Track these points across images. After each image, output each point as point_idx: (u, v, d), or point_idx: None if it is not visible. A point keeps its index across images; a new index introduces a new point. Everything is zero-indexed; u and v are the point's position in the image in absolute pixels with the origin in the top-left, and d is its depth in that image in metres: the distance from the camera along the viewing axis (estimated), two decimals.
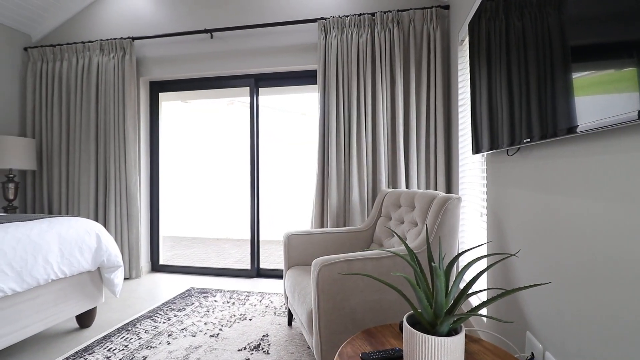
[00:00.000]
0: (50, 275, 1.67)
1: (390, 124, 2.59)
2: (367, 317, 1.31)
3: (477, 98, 1.55)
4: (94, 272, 1.97)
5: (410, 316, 0.84)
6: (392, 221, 1.94)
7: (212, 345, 1.77)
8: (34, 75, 3.17)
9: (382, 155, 2.52)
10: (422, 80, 2.53)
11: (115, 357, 1.65)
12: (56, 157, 3.07)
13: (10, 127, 3.17)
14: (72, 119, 3.05)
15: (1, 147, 2.71)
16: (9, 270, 1.51)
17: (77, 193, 3.01)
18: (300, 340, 1.82)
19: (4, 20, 3.05)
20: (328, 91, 2.63)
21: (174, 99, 3.51)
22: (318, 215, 2.64)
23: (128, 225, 2.95)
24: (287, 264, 1.95)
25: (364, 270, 1.30)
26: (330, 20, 2.63)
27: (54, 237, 1.72)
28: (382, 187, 2.51)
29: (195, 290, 2.63)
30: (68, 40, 3.28)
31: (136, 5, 3.14)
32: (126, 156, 2.94)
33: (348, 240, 2.06)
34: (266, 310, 2.22)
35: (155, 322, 2.05)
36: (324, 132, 2.67)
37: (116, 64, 2.97)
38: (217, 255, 4.47)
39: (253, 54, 2.95)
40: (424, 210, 1.62)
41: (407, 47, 2.59)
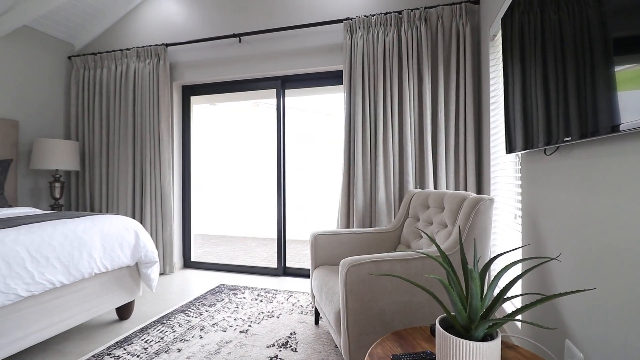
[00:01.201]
0: (93, 269, 1.79)
1: (418, 124, 2.54)
2: (395, 318, 1.30)
3: (511, 95, 1.50)
4: (133, 267, 2.08)
5: (443, 319, 0.83)
6: (420, 222, 1.91)
7: (241, 340, 1.82)
8: (77, 82, 3.40)
9: (409, 155, 2.49)
10: (450, 78, 2.47)
11: (152, 348, 1.74)
12: (97, 158, 3.28)
13: (56, 130, 3.42)
14: (112, 122, 3.24)
15: (48, 149, 2.93)
16: (58, 263, 1.63)
17: (116, 192, 3.20)
18: (327, 339, 1.83)
19: (50, 31, 3.29)
20: (354, 91, 2.63)
21: (204, 102, 3.63)
22: (344, 216, 2.64)
23: (162, 223, 3.10)
24: (313, 263, 1.97)
25: (392, 272, 1.30)
26: (356, 20, 2.62)
27: (97, 234, 1.84)
28: (409, 187, 2.47)
29: (225, 287, 2.71)
30: (107, 48, 3.48)
31: (169, 13, 3.28)
32: (160, 157, 3.08)
33: (374, 241, 2.05)
34: (293, 309, 2.25)
35: (188, 316, 2.14)
36: (349, 132, 2.67)
37: (151, 69, 3.13)
38: (244, 253, 4.59)
39: (279, 56, 3.00)
40: (454, 211, 1.58)
41: (435, 44, 2.54)
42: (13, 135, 2.94)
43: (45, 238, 1.61)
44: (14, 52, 3.02)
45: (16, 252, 1.49)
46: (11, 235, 1.52)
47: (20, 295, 1.48)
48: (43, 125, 3.28)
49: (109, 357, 1.66)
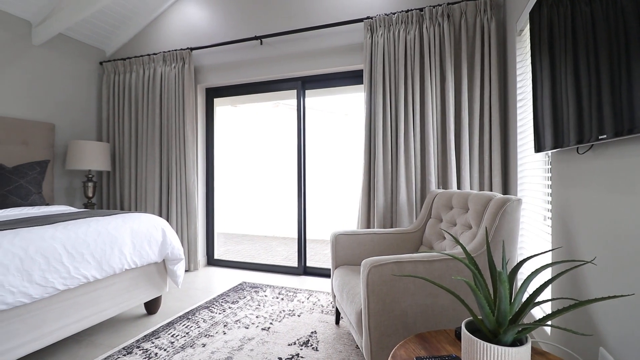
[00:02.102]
0: (124, 265, 1.87)
1: (441, 123, 2.49)
2: (418, 321, 1.28)
3: (539, 92, 1.44)
4: (160, 264, 2.16)
5: (469, 323, 0.81)
6: (443, 223, 1.87)
7: (263, 338, 1.85)
8: (108, 86, 3.56)
9: (432, 155, 2.44)
10: (475, 75, 2.40)
11: (178, 342, 1.80)
12: (127, 159, 3.42)
13: (89, 133, 3.59)
14: (140, 124, 3.37)
15: (82, 150, 3.09)
16: (91, 259, 1.72)
17: (144, 191, 3.33)
18: (348, 339, 1.83)
19: (83, 38, 3.46)
20: (374, 90, 2.61)
21: (226, 103, 3.72)
22: (364, 216, 2.63)
23: (187, 221, 3.19)
24: (334, 263, 1.98)
25: (415, 273, 1.28)
26: (377, 19, 2.60)
27: (127, 231, 1.92)
28: (431, 187, 2.43)
29: (246, 285, 2.77)
30: (136, 53, 3.63)
31: (193, 18, 3.38)
32: (185, 158, 3.18)
33: (396, 241, 2.03)
34: (313, 308, 2.26)
35: (212, 312, 2.19)
36: (370, 132, 2.65)
37: (177, 73, 3.23)
38: (265, 252, 4.65)
39: (300, 57, 3.02)
40: (479, 212, 1.54)
41: (459, 41, 2.48)
42: (50, 138, 3.12)
43: (80, 235, 1.70)
44: (50, 59, 3.20)
45: (54, 248, 1.58)
46: (49, 232, 1.62)
47: (57, 289, 1.57)
48: (77, 127, 3.47)
49: (138, 349, 1.73)
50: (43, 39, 3.03)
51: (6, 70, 2.87)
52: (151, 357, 1.65)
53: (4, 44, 2.85)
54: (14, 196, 2.45)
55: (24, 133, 2.91)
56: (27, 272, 1.46)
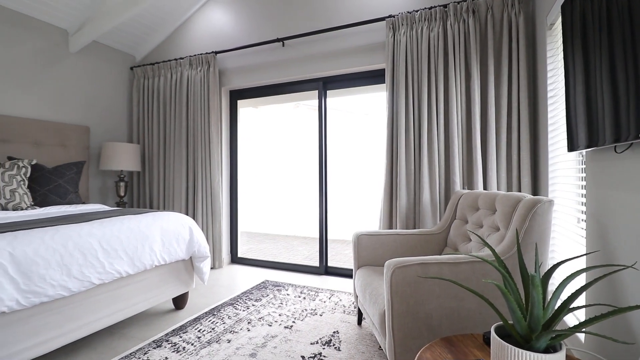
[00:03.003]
0: (154, 261, 1.95)
1: (466, 121, 2.43)
2: (443, 324, 1.26)
3: (572, 88, 1.38)
4: (187, 261, 2.24)
5: (499, 328, 0.79)
6: (469, 224, 1.83)
7: (286, 336, 1.88)
8: (138, 90, 3.72)
9: (456, 155, 2.39)
10: (502, 72, 2.33)
11: (205, 337, 1.86)
12: (155, 160, 3.56)
13: (120, 135, 3.77)
14: (168, 126, 3.50)
15: (114, 152, 3.24)
16: (124, 255, 1.81)
17: (172, 191, 3.45)
18: (371, 340, 1.82)
19: (115, 45, 3.63)
20: (397, 89, 2.58)
21: (248, 105, 3.79)
22: (386, 216, 2.60)
23: (212, 220, 3.29)
24: (356, 263, 1.97)
25: (440, 275, 1.26)
26: (399, 17, 2.57)
27: (157, 229, 2.00)
28: (456, 187, 2.37)
29: (269, 283, 2.81)
30: (164, 58, 3.77)
31: (218, 22, 3.47)
32: (210, 158, 3.27)
33: (419, 242, 2.00)
34: (335, 308, 2.27)
35: (237, 309, 2.25)
36: (392, 132, 2.62)
37: (202, 76, 3.33)
38: (286, 251, 4.70)
39: (321, 58, 3.03)
40: (508, 213, 1.49)
41: (485, 37, 2.41)
42: (85, 140, 3.29)
43: (114, 232, 1.79)
44: (85, 65, 3.38)
45: (90, 244, 1.68)
46: (86, 229, 1.71)
47: (93, 283, 1.66)
48: (110, 130, 3.64)
49: (167, 343, 1.80)
50: (79, 46, 3.20)
51: (46, 77, 3.06)
52: (179, 351, 1.71)
53: (44, 52, 3.04)
54: (54, 195, 2.61)
55: (62, 136, 3.09)
56: (67, 267, 1.55)
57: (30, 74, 2.94)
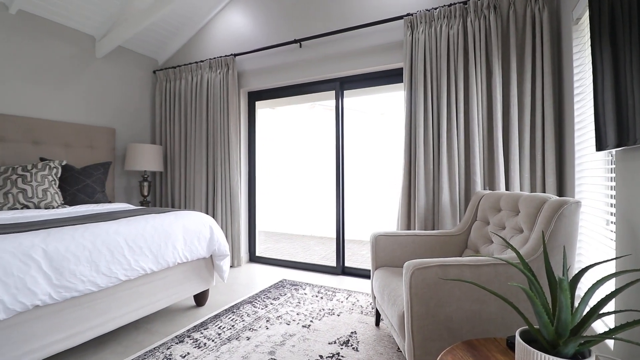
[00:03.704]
0: (177, 259, 2.01)
1: (487, 120, 2.38)
2: (464, 327, 1.24)
3: (601, 85, 1.33)
4: (208, 259, 2.29)
5: (524, 332, 0.77)
6: (490, 226, 1.79)
7: (304, 335, 1.89)
8: (160, 93, 3.83)
9: (477, 154, 2.34)
10: (525, 69, 2.26)
11: (224, 334, 1.90)
12: (177, 160, 3.67)
13: (144, 136, 3.90)
14: (189, 128, 3.59)
15: (138, 153, 3.36)
16: (149, 253, 1.87)
17: (193, 190, 3.54)
18: (389, 342, 1.81)
19: (139, 49, 3.76)
20: (415, 88, 2.55)
21: (265, 106, 3.84)
22: (404, 217, 2.58)
23: (231, 219, 3.35)
24: (374, 264, 1.97)
25: (461, 277, 1.24)
26: (417, 15, 2.54)
27: (180, 228, 2.06)
28: (476, 188, 2.32)
29: (287, 282, 2.84)
30: (185, 61, 3.87)
31: (237, 25, 3.53)
32: (230, 159, 3.33)
33: (438, 244, 1.97)
34: (353, 308, 2.27)
35: (255, 307, 2.28)
36: (410, 131, 2.59)
37: (222, 78, 3.40)
38: (303, 250, 4.73)
39: (338, 58, 3.03)
40: (531, 215, 1.45)
41: (506, 34, 2.34)
42: (111, 141, 3.43)
43: (139, 230, 1.86)
44: (111, 69, 3.52)
45: (117, 241, 1.74)
46: (113, 227, 1.79)
47: (120, 279, 1.73)
48: (134, 131, 3.78)
49: (188, 339, 1.85)
50: (105, 51, 3.33)
51: (75, 81, 3.20)
52: (201, 347, 1.76)
53: (73, 58, 3.18)
54: (82, 194, 2.73)
55: (89, 137, 3.23)
56: (95, 263, 1.63)
57: (60, 78, 3.09)
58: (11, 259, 1.37)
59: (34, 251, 1.44)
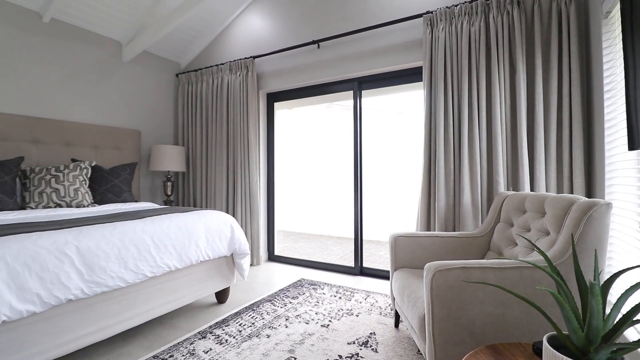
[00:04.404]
0: (199, 256, 2.06)
1: (510, 119, 2.31)
2: (487, 331, 1.22)
3: (633, 81, 1.27)
4: (229, 257, 2.35)
5: (552, 338, 0.75)
6: (515, 228, 1.74)
7: (323, 334, 1.90)
8: (182, 95, 3.95)
9: (500, 154, 2.28)
10: (551, 65, 2.19)
11: (245, 331, 1.93)
12: (198, 161, 3.76)
13: (167, 138, 4.02)
14: (210, 129, 3.68)
15: (162, 154, 3.47)
16: (173, 250, 1.93)
17: (214, 190, 3.63)
18: (409, 343, 1.80)
19: (162, 54, 3.88)
20: (435, 87, 2.52)
21: (284, 107, 3.88)
22: (424, 218, 2.55)
23: (251, 218, 3.41)
24: (393, 265, 1.95)
25: (484, 280, 1.21)
26: (437, 13, 2.50)
27: (202, 227, 2.12)
28: (499, 189, 2.27)
29: (305, 281, 2.86)
30: (206, 64, 3.97)
31: (256, 28, 3.59)
32: (249, 159, 3.39)
33: (460, 245, 1.93)
34: (371, 309, 2.26)
35: (275, 306, 2.31)
36: (430, 130, 2.56)
37: (241, 80, 3.46)
38: (321, 250, 4.75)
39: (356, 58, 3.03)
40: (559, 217, 1.40)
41: (531, 29, 2.27)
42: (137, 143, 3.55)
43: (164, 228, 1.92)
44: (136, 73, 3.65)
45: (143, 239, 1.81)
46: (139, 226, 1.86)
47: (146, 275, 1.79)
48: (158, 133, 3.90)
49: (211, 335, 1.90)
50: (131, 56, 3.46)
51: (103, 86, 3.34)
52: (222, 343, 1.80)
53: (101, 63, 3.32)
54: (110, 194, 2.85)
55: (116, 139, 3.36)
56: (123, 260, 1.70)
57: (89, 83, 3.23)
58: (47, 255, 1.45)
59: (67, 248, 1.51)
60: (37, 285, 1.39)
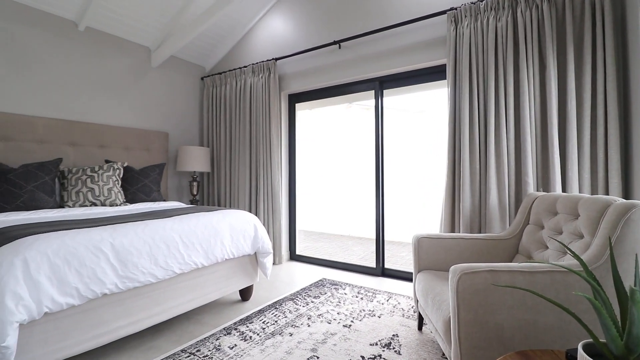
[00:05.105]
0: (224, 255, 2.12)
1: (540, 116, 2.23)
2: (516, 336, 1.18)
3: None
4: (252, 256, 2.40)
5: (587, 346, 0.72)
6: (545, 230, 1.68)
7: (345, 334, 1.91)
8: (207, 98, 4.06)
9: (529, 153, 2.20)
10: (584, 60, 2.09)
11: (268, 329, 1.97)
12: (222, 161, 3.86)
13: (193, 139, 4.15)
14: (233, 131, 3.77)
15: (188, 154, 3.59)
16: (200, 248, 2.00)
17: (237, 190, 3.71)
18: (433, 347, 1.77)
19: (189, 58, 4.01)
20: (460, 85, 2.46)
21: (304, 108, 3.91)
22: (448, 219, 2.50)
23: (273, 218, 3.46)
24: (417, 266, 1.93)
25: (513, 284, 1.18)
26: (462, 9, 2.45)
27: (227, 225, 2.18)
28: (529, 189, 2.19)
29: (326, 281, 2.87)
30: (229, 67, 4.06)
31: (278, 30, 3.64)
32: (271, 160, 3.45)
33: (486, 248, 1.88)
34: (394, 311, 2.24)
35: (297, 304, 2.34)
36: (454, 130, 2.51)
37: (264, 82, 3.52)
38: (341, 250, 4.75)
39: (378, 57, 3.01)
40: (594, 219, 1.34)
41: (562, 23, 2.18)
42: (165, 144, 3.69)
43: (191, 227, 1.99)
44: (164, 78, 3.79)
45: (172, 237, 1.88)
46: (169, 224, 1.93)
47: (175, 272, 1.86)
48: (184, 135, 4.04)
49: (235, 331, 1.95)
50: (159, 61, 3.60)
51: (133, 90, 3.49)
52: (247, 340, 1.84)
53: (131, 68, 3.48)
54: (141, 193, 2.98)
55: (146, 141, 3.51)
56: (154, 257, 1.77)
57: (121, 88, 3.39)
58: (84, 251, 1.54)
59: (103, 244, 1.60)
60: (76, 280, 1.48)
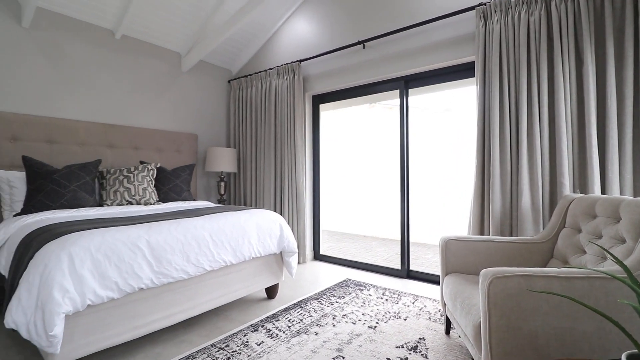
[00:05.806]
0: (252, 253, 2.18)
1: (577, 114, 2.12)
2: (552, 344, 1.14)
3: None
4: (278, 255, 2.44)
5: (632, 356, 0.69)
6: (583, 234, 1.60)
7: (370, 336, 1.91)
8: (234, 100, 4.17)
9: (565, 153, 2.10)
10: (625, 54, 1.96)
11: (294, 327, 2.00)
12: (248, 162, 3.95)
13: (220, 140, 4.27)
14: (259, 132, 3.85)
15: (216, 155, 3.70)
16: (229, 247, 2.06)
17: (262, 190, 3.79)
18: (461, 352, 1.73)
19: (216, 62, 4.13)
20: (489, 82, 2.39)
21: (328, 108, 3.92)
22: (477, 221, 2.43)
23: (297, 218, 3.50)
24: (444, 269, 1.89)
25: (549, 290, 1.14)
26: (491, 4, 2.37)
27: (254, 225, 2.23)
28: (564, 191, 2.09)
29: (351, 282, 2.87)
30: (255, 70, 4.15)
31: (302, 32, 3.67)
32: (296, 160, 3.49)
33: (518, 252, 1.82)
34: (420, 314, 2.21)
35: (321, 304, 2.36)
36: (483, 129, 2.43)
37: (288, 84, 3.57)
38: (365, 251, 4.72)
39: (402, 56, 2.97)
40: (637, 223, 1.27)
41: (600, 16, 2.06)
42: (194, 146, 3.83)
43: (220, 226, 2.06)
44: (193, 81, 3.93)
45: (203, 236, 1.96)
46: (200, 222, 2.01)
47: (205, 269, 1.93)
48: (212, 136, 4.17)
49: (262, 328, 1.99)
50: (189, 65, 3.74)
51: (165, 94, 3.65)
52: (273, 337, 1.88)
53: (163, 73, 3.63)
54: (173, 193, 3.11)
55: (177, 143, 3.65)
56: (186, 254, 1.85)
57: (154, 92, 3.55)
58: (123, 247, 1.63)
59: (139, 241, 1.69)
60: (115, 274, 1.57)
